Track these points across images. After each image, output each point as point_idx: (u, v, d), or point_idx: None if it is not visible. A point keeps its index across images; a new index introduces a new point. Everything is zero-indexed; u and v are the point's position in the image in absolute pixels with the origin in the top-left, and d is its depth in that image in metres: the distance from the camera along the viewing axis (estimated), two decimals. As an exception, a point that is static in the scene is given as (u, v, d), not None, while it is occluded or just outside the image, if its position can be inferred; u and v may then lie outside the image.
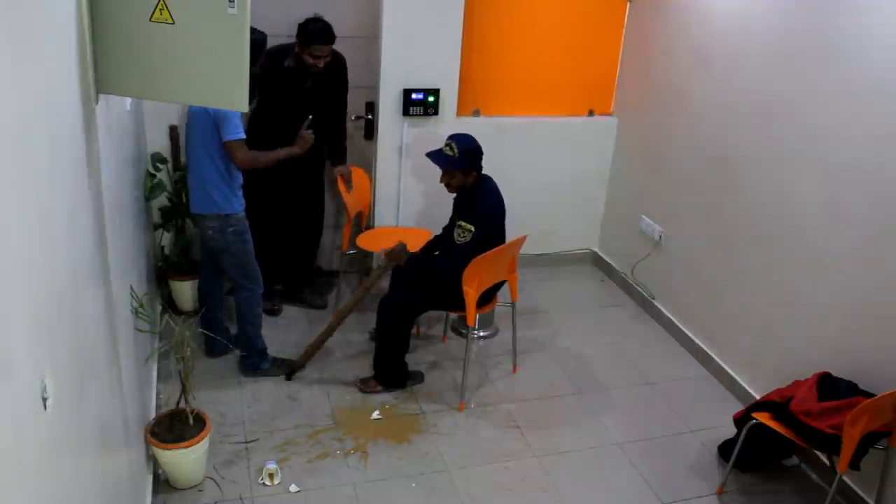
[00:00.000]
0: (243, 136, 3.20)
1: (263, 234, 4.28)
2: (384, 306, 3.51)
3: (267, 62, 3.83)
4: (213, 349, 3.73)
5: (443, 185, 3.53)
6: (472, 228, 3.39)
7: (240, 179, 3.35)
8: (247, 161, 3.27)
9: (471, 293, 3.40)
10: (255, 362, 3.65)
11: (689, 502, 3.12)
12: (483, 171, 3.56)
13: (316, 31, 3.69)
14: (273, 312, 4.22)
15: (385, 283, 3.95)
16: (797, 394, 2.97)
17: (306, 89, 3.88)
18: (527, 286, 4.51)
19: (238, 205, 3.34)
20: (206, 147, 3.22)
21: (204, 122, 3.18)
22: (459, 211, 3.55)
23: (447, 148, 3.46)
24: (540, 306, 4.56)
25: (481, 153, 3.49)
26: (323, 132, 4.13)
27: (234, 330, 3.82)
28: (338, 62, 4.01)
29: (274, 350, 3.86)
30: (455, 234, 3.44)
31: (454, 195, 3.62)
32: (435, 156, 3.50)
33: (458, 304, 3.45)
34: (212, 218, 3.32)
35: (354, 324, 4.18)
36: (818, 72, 3.24)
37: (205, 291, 3.71)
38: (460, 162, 3.42)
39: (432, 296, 3.50)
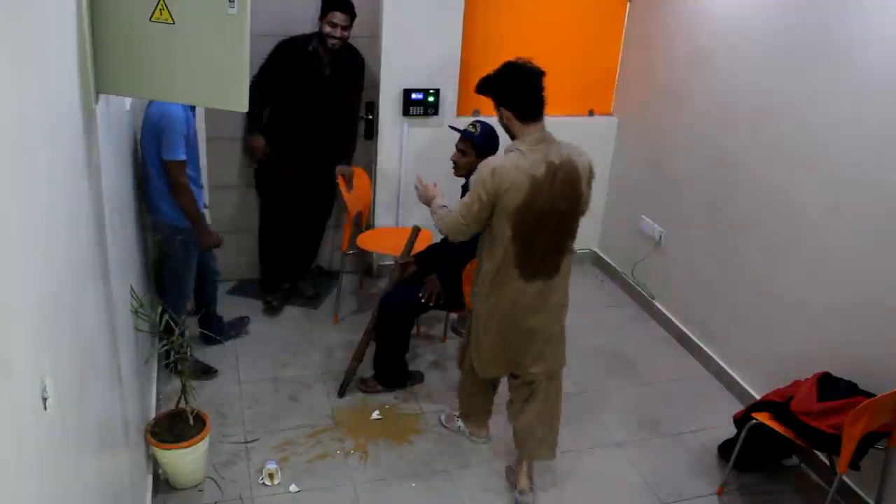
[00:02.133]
0: (181, 157, 3.09)
1: (274, 232, 4.29)
2: (385, 304, 3.50)
3: (292, 48, 3.88)
4: (209, 340, 3.72)
5: (451, 162, 3.46)
6: None
7: (194, 191, 3.23)
8: (176, 187, 3.15)
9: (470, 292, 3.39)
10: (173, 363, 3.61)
11: (689, 502, 3.12)
12: None
13: None
14: (272, 310, 4.23)
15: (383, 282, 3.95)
16: (797, 394, 2.97)
17: (325, 76, 3.91)
18: (527, 286, 4.50)
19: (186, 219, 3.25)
20: (151, 157, 3.14)
21: (150, 132, 3.09)
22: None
23: (471, 126, 3.44)
24: (540, 306, 4.56)
25: (497, 146, 3.44)
26: (333, 129, 4.12)
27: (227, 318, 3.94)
28: (357, 58, 4.06)
29: (273, 349, 3.87)
30: None
31: (461, 182, 3.60)
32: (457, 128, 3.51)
33: (458, 303, 3.45)
34: (161, 224, 3.26)
35: (356, 324, 4.18)
36: (818, 71, 3.24)
37: (195, 290, 3.70)
38: (480, 139, 3.38)
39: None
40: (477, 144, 3.37)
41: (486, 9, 4.39)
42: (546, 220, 2.64)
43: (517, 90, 2.64)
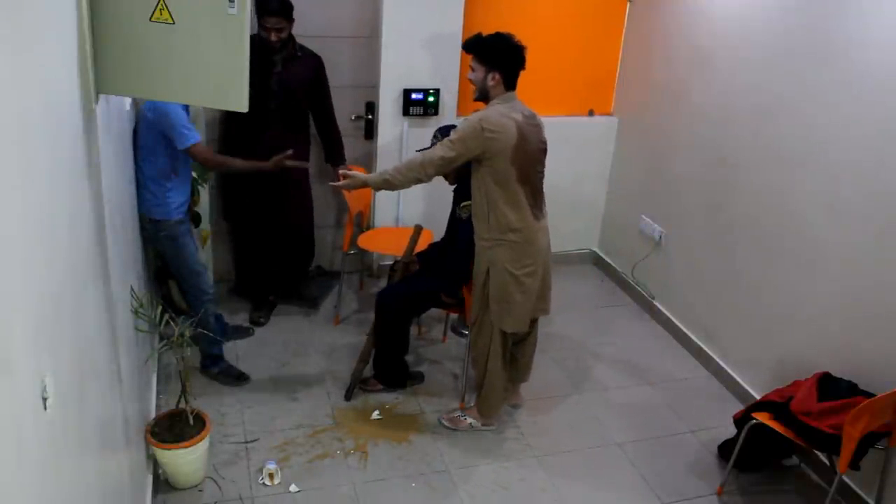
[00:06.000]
0: (197, 138, 3.11)
1: (253, 247, 4.21)
2: (383, 299, 3.49)
3: None
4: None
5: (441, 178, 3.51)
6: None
7: (179, 186, 3.24)
8: (208, 162, 3.22)
9: (469, 294, 3.40)
10: (206, 364, 3.61)
11: (689, 502, 3.12)
12: None
13: (265, 1, 3.66)
14: (257, 324, 4.11)
15: (383, 281, 3.95)
16: (797, 394, 2.97)
17: (276, 73, 3.79)
18: (527, 286, 4.50)
19: (173, 212, 3.22)
20: (142, 150, 3.13)
21: (147, 126, 3.09)
22: (461, 196, 3.47)
23: (433, 139, 3.44)
24: (540, 306, 4.56)
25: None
26: (295, 132, 4.04)
27: (227, 319, 3.93)
28: (314, 60, 3.93)
29: (273, 349, 3.88)
30: (460, 213, 3.42)
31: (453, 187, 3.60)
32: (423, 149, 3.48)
33: (458, 303, 3.45)
34: (144, 219, 3.23)
35: (356, 324, 4.18)
36: (818, 72, 3.24)
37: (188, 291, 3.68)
38: (443, 133, 3.37)
39: (433, 289, 3.49)
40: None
41: (486, 9, 4.39)
42: (534, 159, 3.08)
43: (514, 60, 3.05)
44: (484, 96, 3.10)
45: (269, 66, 3.77)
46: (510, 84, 3.07)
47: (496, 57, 3.03)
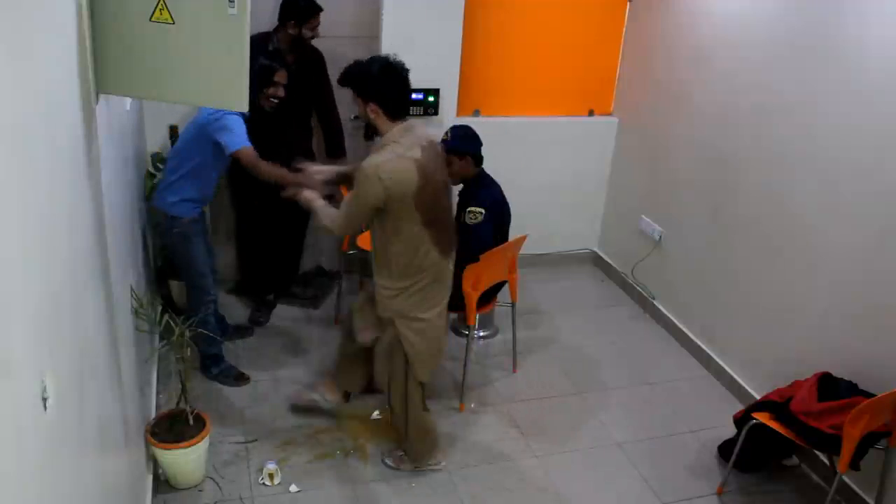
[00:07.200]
0: (241, 143, 3.15)
1: (253, 245, 4.23)
2: None
3: (254, 49, 3.84)
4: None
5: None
6: (483, 210, 3.45)
7: (205, 187, 3.30)
8: (250, 164, 3.24)
9: (470, 293, 3.40)
10: (206, 364, 3.61)
11: (689, 502, 3.12)
12: (485, 170, 3.60)
13: (311, 2, 3.80)
14: (257, 324, 4.12)
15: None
16: (797, 394, 2.97)
17: (292, 73, 3.80)
18: (527, 286, 4.51)
19: (185, 211, 3.26)
20: (182, 151, 3.22)
21: (196, 127, 3.17)
22: (464, 202, 3.56)
23: (444, 135, 3.53)
24: (540, 306, 4.56)
25: (478, 140, 3.55)
26: (305, 127, 4.09)
27: (229, 319, 3.94)
28: (316, 54, 4.00)
29: (273, 349, 3.88)
30: (467, 219, 3.46)
31: (458, 189, 3.62)
32: None
33: (458, 303, 3.45)
34: (159, 213, 3.30)
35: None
36: (818, 72, 3.24)
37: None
38: (452, 142, 3.47)
39: None
40: (455, 148, 3.43)
41: (487, 9, 4.39)
42: (440, 195, 2.78)
43: (390, 87, 2.68)
44: (375, 131, 2.74)
45: (284, 66, 3.81)
46: (396, 113, 2.70)
47: (368, 86, 2.66)
